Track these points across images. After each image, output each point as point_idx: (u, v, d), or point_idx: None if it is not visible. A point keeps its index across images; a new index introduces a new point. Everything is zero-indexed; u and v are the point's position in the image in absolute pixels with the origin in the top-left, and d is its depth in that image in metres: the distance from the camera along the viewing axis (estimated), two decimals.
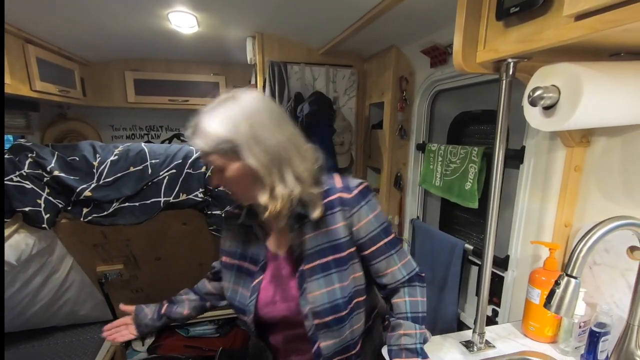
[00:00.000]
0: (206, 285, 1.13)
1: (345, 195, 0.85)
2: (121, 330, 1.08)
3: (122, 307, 1.11)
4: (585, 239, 0.71)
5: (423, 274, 0.94)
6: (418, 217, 1.93)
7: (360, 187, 0.86)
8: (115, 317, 1.97)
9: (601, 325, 0.90)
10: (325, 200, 0.84)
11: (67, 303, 1.77)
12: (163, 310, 1.09)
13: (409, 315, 0.88)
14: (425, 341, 0.88)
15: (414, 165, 1.90)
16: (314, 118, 1.80)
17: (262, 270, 0.91)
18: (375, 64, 2.03)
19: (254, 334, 0.94)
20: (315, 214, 0.81)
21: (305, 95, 1.95)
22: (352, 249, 0.87)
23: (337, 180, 0.88)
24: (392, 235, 0.90)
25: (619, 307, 0.93)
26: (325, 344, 0.87)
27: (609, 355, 0.88)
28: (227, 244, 0.99)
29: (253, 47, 1.95)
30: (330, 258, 0.85)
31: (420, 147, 1.83)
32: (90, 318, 1.97)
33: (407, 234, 1.97)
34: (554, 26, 0.65)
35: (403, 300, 0.90)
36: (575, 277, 0.72)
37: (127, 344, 2.23)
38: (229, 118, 0.76)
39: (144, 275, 1.91)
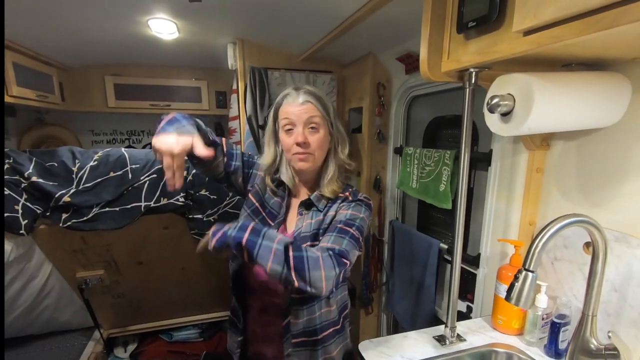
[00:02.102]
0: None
1: (350, 198, 1.04)
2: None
3: None
4: (540, 236, 0.77)
5: (345, 260, 0.89)
6: (397, 218, 1.99)
7: (362, 197, 1.05)
8: (97, 324, 1.96)
9: (561, 316, 0.97)
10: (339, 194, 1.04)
11: (46, 310, 1.75)
12: None
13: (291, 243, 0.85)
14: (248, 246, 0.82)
15: (392, 168, 1.96)
16: None
17: (277, 227, 1.06)
18: (353, 70, 2.08)
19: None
20: (328, 192, 1.03)
21: None
22: None
23: (356, 190, 1.09)
24: (348, 228, 0.95)
25: (577, 298, 0.99)
26: (295, 321, 1.00)
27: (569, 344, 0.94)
28: (258, 181, 1.12)
29: (234, 53, 1.97)
30: (315, 243, 0.97)
31: (398, 151, 1.89)
32: (70, 325, 1.95)
33: (386, 235, 2.02)
34: (506, 40, 0.71)
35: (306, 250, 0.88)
36: (532, 271, 0.78)
37: (109, 350, 2.20)
38: (326, 100, 1.03)
39: (125, 280, 1.90)
